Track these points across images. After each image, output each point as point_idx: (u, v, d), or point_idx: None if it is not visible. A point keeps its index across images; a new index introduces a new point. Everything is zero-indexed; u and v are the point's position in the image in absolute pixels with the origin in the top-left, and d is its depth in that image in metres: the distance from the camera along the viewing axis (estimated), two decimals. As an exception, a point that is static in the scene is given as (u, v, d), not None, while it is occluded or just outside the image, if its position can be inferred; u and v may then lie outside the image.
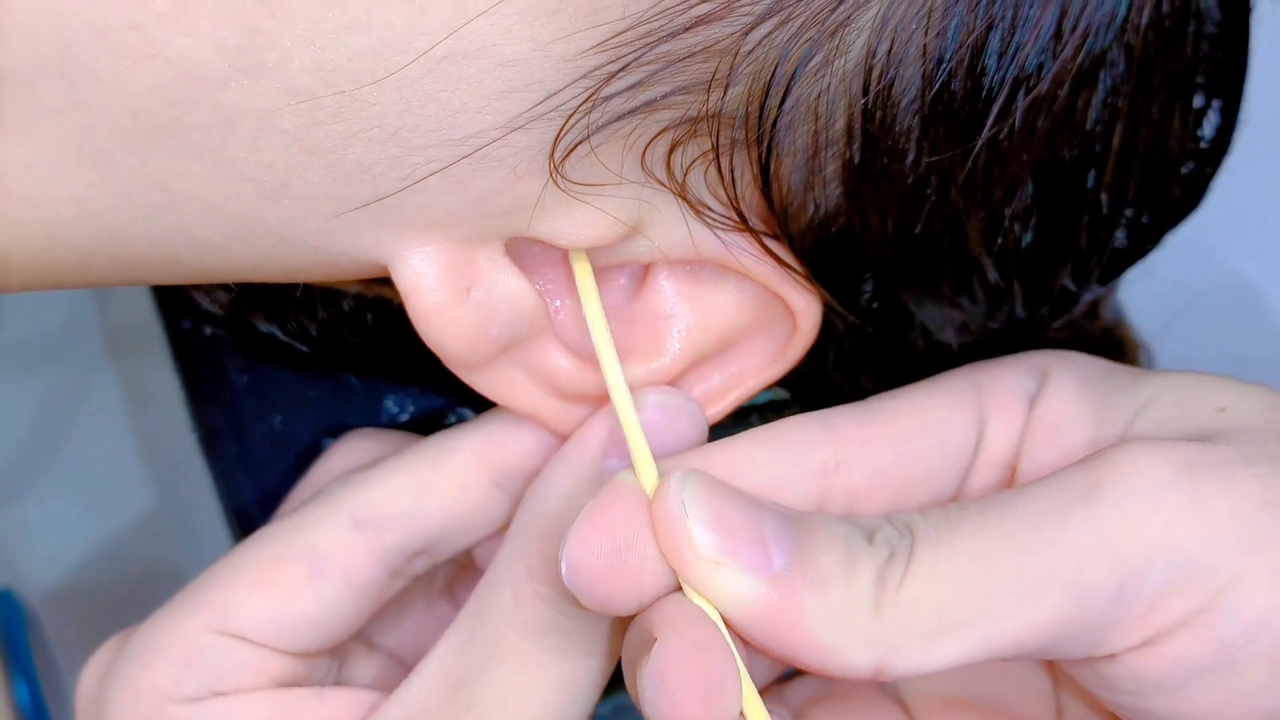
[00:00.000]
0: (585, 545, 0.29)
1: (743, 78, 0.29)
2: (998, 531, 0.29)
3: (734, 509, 0.29)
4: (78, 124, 0.27)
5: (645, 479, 0.31)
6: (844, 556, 0.29)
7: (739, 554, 0.28)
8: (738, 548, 0.28)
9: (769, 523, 0.29)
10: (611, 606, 0.29)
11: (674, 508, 0.29)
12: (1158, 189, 0.35)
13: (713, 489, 0.29)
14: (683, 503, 0.29)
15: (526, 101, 0.28)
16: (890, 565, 0.29)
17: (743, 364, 0.34)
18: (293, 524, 0.34)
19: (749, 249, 0.32)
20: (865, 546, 0.29)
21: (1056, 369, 0.34)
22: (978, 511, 0.29)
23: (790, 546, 0.29)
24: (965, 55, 0.30)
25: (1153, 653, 0.28)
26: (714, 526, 0.29)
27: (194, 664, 0.33)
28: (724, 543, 0.28)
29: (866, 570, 0.29)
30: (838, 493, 0.32)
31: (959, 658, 0.28)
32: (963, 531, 0.29)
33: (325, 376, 0.40)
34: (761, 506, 0.29)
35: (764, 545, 0.29)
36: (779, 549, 0.29)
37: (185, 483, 0.51)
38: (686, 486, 0.29)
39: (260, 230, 0.29)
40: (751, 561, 0.28)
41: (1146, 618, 0.28)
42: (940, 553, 0.29)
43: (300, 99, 0.27)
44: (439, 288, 0.30)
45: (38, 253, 0.29)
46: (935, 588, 0.28)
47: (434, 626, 0.36)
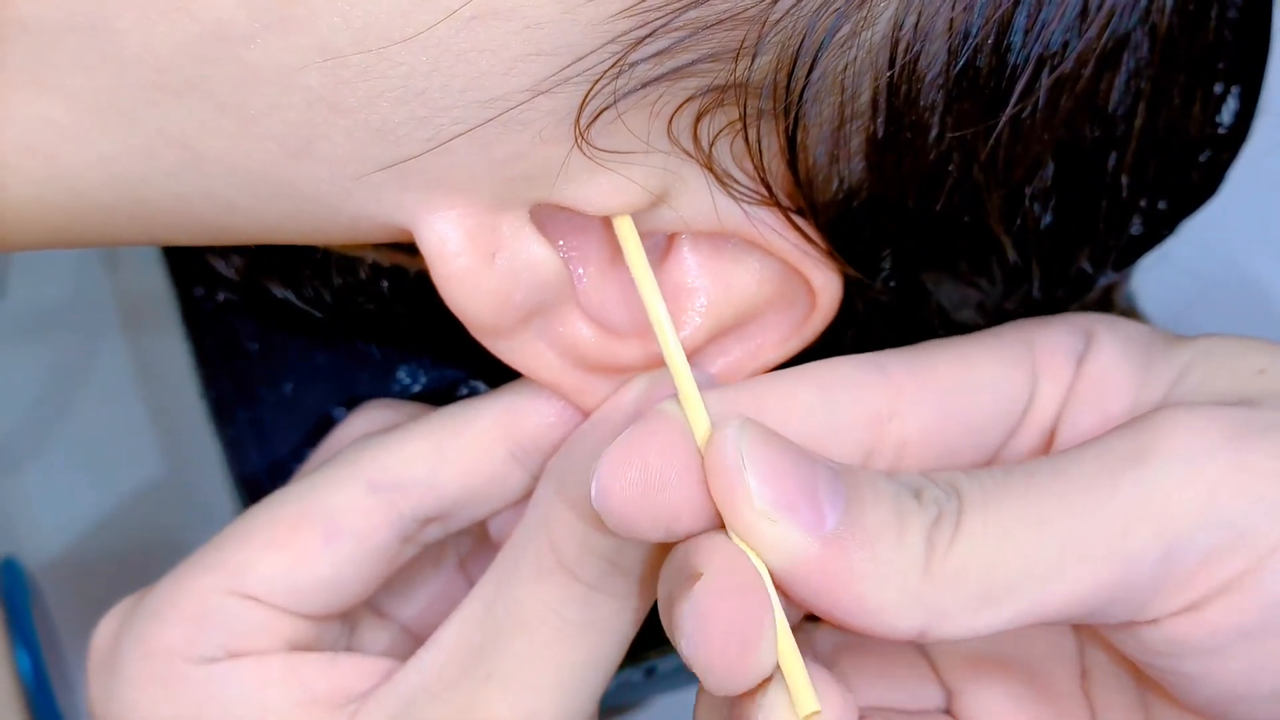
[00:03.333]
0: (618, 472, 0.28)
1: (770, 47, 0.29)
2: (1047, 496, 0.29)
3: (790, 464, 0.28)
4: (104, 80, 0.27)
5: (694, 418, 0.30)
6: (894, 515, 0.28)
7: (794, 510, 0.28)
8: (793, 504, 0.28)
9: (822, 479, 0.29)
10: (637, 532, 0.29)
11: (731, 457, 0.28)
12: (1176, 173, 0.35)
13: (769, 441, 0.29)
14: (740, 452, 0.28)
15: (554, 65, 0.28)
16: (938, 527, 0.28)
17: (761, 339, 0.34)
18: (308, 486, 0.34)
19: (772, 223, 0.32)
20: (915, 505, 0.29)
21: (1101, 330, 0.33)
22: (1025, 475, 0.29)
23: (843, 504, 0.28)
24: (991, 31, 0.30)
25: (1194, 618, 0.28)
26: (769, 480, 0.28)
27: (208, 624, 0.33)
28: (780, 498, 0.28)
29: (917, 530, 0.28)
30: (888, 445, 0.32)
31: (1005, 623, 0.28)
32: (1011, 494, 0.29)
33: (337, 346, 0.40)
34: (815, 462, 0.29)
35: (818, 502, 0.28)
36: (832, 507, 0.28)
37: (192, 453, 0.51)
38: (744, 436, 0.28)
39: (283, 190, 0.29)
40: (806, 519, 0.28)
41: (1191, 583, 0.28)
42: (989, 516, 0.28)
43: (327, 57, 0.27)
44: (463, 253, 0.30)
45: (61, 209, 0.29)
46: (984, 551, 0.28)
47: (447, 601, 0.36)
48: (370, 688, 0.33)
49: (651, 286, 0.31)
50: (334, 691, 0.33)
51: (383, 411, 0.38)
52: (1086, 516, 0.28)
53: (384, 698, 0.33)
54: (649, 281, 0.31)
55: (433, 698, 0.32)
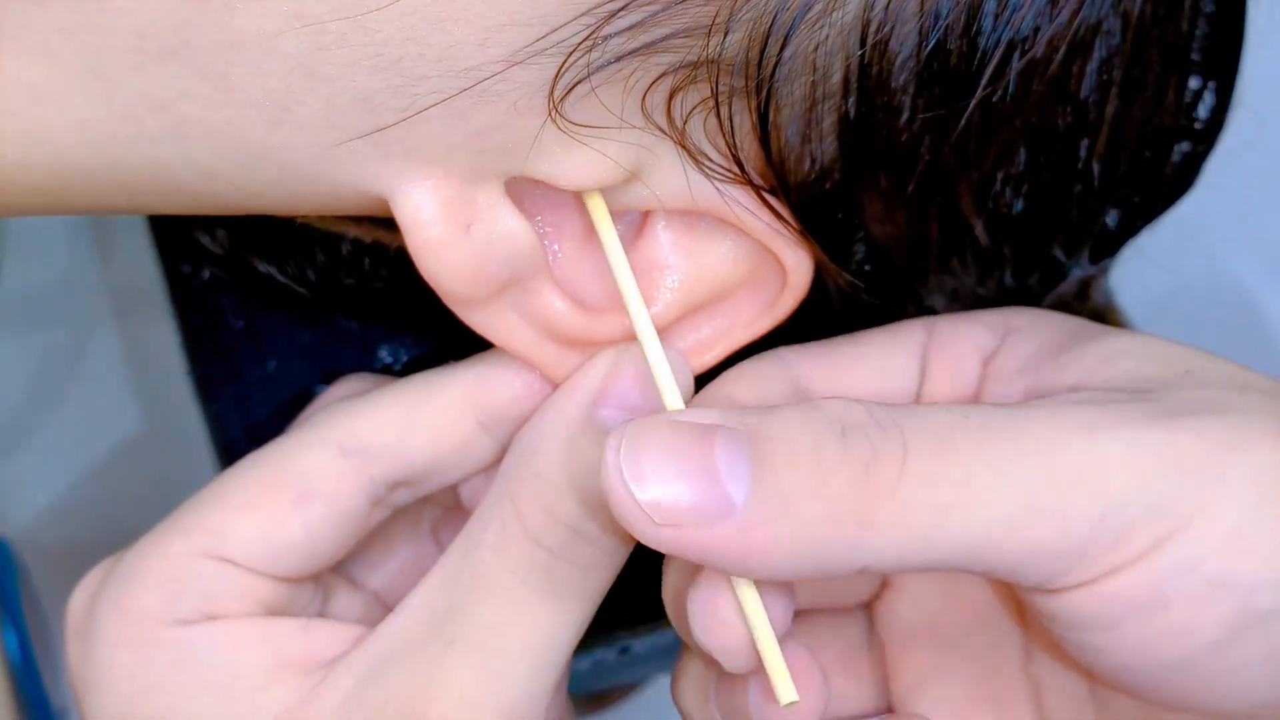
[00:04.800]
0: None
1: (742, 24, 0.29)
2: (1001, 447, 0.29)
3: (677, 455, 0.28)
4: (87, 44, 0.28)
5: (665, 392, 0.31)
6: (813, 465, 0.28)
7: (694, 507, 0.28)
8: (690, 501, 0.28)
9: (719, 448, 0.28)
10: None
11: (613, 480, 0.28)
12: (1150, 165, 0.35)
13: (650, 440, 0.28)
14: (621, 471, 0.28)
15: (528, 35, 0.28)
16: (879, 466, 0.28)
17: (732, 317, 0.34)
18: (280, 450, 0.35)
19: (745, 202, 0.32)
20: (839, 448, 0.28)
21: (1020, 325, 0.34)
22: (980, 422, 0.29)
23: (746, 470, 0.28)
24: (962, 13, 0.30)
25: (1091, 590, 0.28)
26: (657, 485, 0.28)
27: (182, 587, 0.33)
28: (675, 501, 0.28)
29: (842, 474, 0.28)
30: None
31: (942, 559, 0.28)
32: (966, 440, 0.29)
33: (321, 324, 0.40)
34: (710, 431, 0.28)
35: (719, 483, 0.28)
36: (736, 480, 0.28)
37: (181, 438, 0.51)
38: (623, 450, 0.28)
39: (262, 157, 0.29)
40: (710, 508, 0.28)
41: (1109, 552, 0.28)
42: (940, 456, 0.28)
43: (306, 23, 0.27)
44: (438, 223, 0.31)
45: (43, 174, 0.29)
46: (934, 492, 0.28)
47: (418, 568, 0.36)
48: (341, 653, 0.34)
49: (622, 263, 0.32)
50: (306, 656, 0.34)
51: (359, 383, 0.39)
52: (1037, 475, 0.28)
53: (353, 662, 0.33)
54: (620, 258, 0.32)
55: (399, 662, 0.33)
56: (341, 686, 0.33)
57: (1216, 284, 0.54)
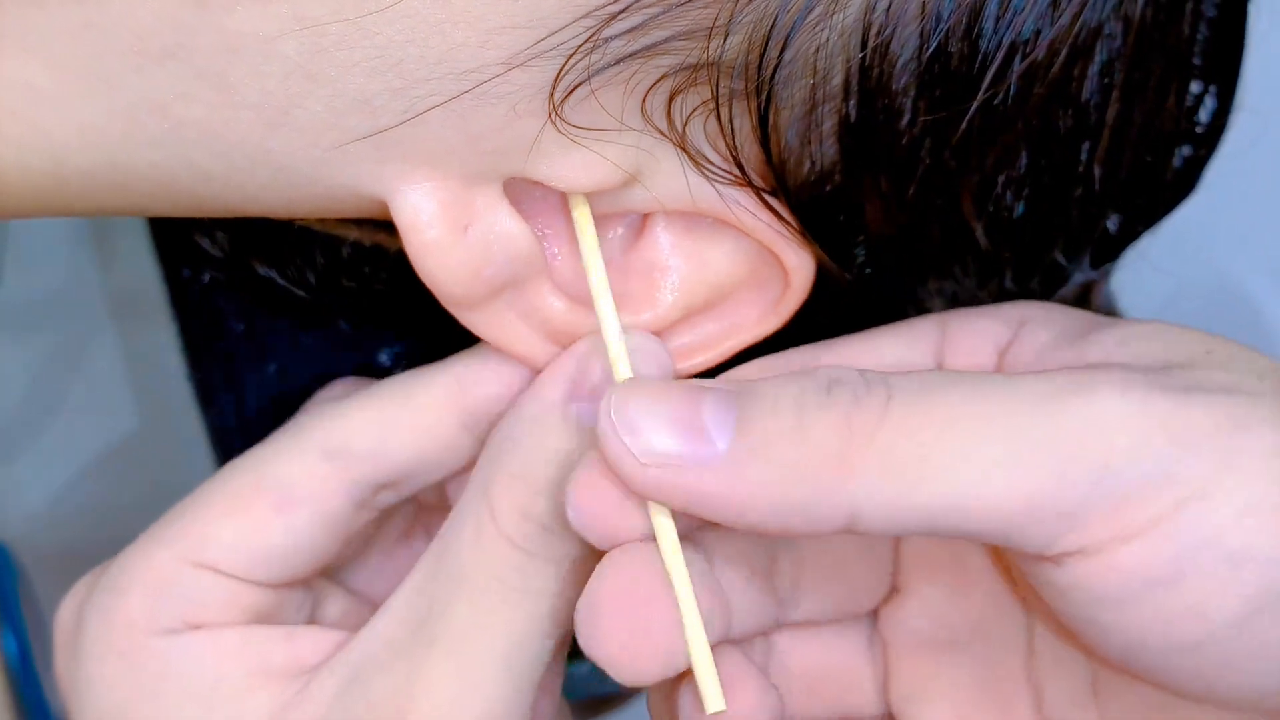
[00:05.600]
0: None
1: (742, 26, 0.29)
2: (991, 401, 0.28)
3: (664, 405, 0.29)
4: (86, 45, 0.28)
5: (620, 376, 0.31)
6: (794, 415, 0.28)
7: (679, 447, 0.28)
8: (676, 442, 0.28)
9: (707, 405, 0.29)
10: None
11: (604, 425, 0.29)
12: (1151, 169, 0.35)
13: (640, 392, 0.29)
14: (610, 417, 0.29)
15: (528, 38, 0.28)
16: (859, 412, 0.28)
17: (735, 318, 0.34)
18: (262, 455, 0.35)
19: (746, 204, 0.32)
20: (820, 399, 0.28)
21: (1035, 316, 0.34)
22: (972, 381, 0.29)
23: (732, 423, 0.28)
24: (963, 16, 0.30)
25: (1104, 561, 0.28)
26: (644, 429, 0.29)
27: (168, 595, 0.33)
28: (659, 442, 0.28)
29: (821, 422, 0.28)
30: None
31: (932, 513, 0.28)
32: (952, 391, 0.28)
33: (321, 328, 0.40)
34: (699, 390, 0.29)
35: (703, 431, 0.28)
36: (720, 429, 0.28)
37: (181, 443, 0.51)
38: (613, 400, 0.29)
39: (261, 159, 0.29)
40: (694, 452, 0.28)
41: (1112, 518, 0.28)
42: (926, 402, 0.28)
43: (305, 25, 0.27)
44: (436, 224, 0.31)
45: (42, 176, 0.29)
46: (917, 435, 0.28)
47: (407, 568, 0.36)
48: (326, 658, 0.34)
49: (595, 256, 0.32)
50: (289, 663, 0.33)
51: (345, 387, 0.38)
52: (1031, 427, 0.28)
53: (335, 666, 0.33)
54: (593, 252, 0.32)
55: (380, 665, 0.33)
56: (324, 691, 0.33)
57: (1217, 288, 0.54)
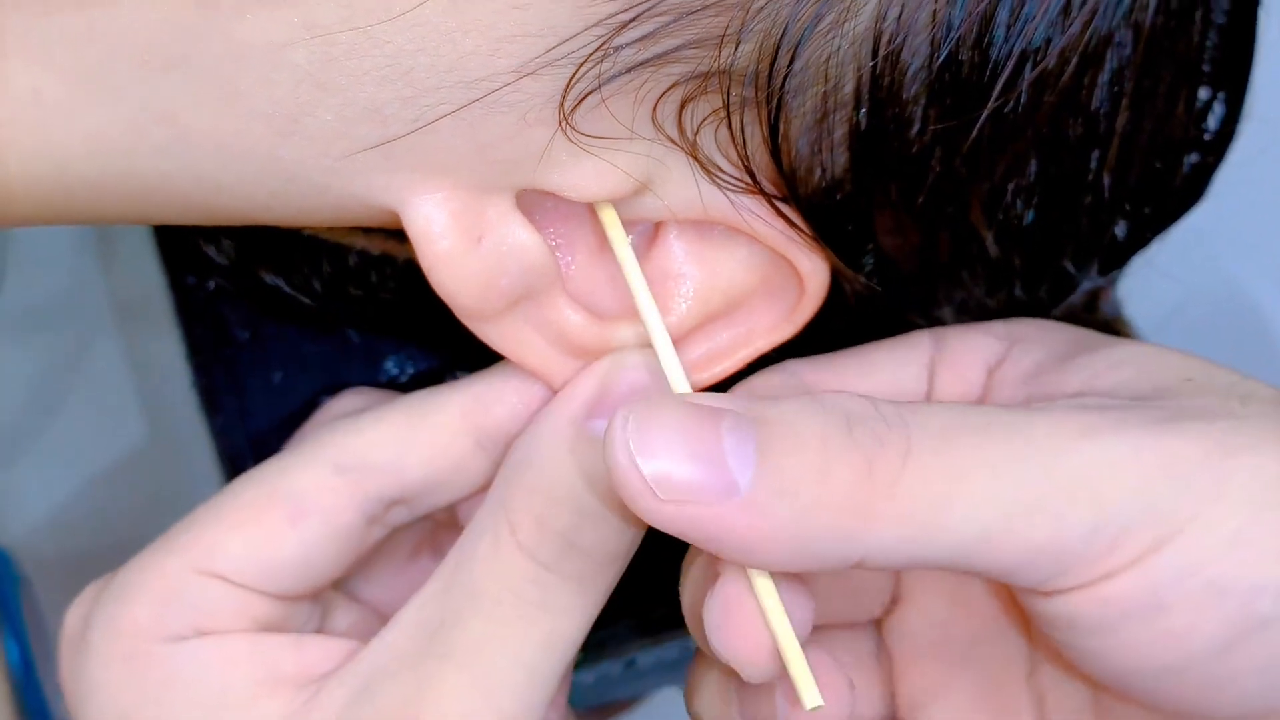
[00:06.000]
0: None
1: (753, 34, 0.29)
2: (1002, 446, 0.29)
3: (684, 435, 0.28)
4: (93, 54, 0.28)
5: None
6: (819, 457, 0.28)
7: (699, 486, 0.28)
8: (696, 480, 0.28)
9: (727, 436, 0.28)
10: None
11: (621, 454, 0.28)
12: (1160, 176, 0.35)
13: (658, 419, 0.28)
14: (629, 447, 0.28)
15: (539, 46, 0.28)
16: (883, 457, 0.28)
17: (750, 324, 0.34)
18: (276, 467, 0.34)
19: (758, 211, 0.32)
20: (845, 440, 0.28)
21: (1027, 335, 0.34)
22: (983, 422, 0.29)
23: (752, 455, 0.28)
24: (974, 25, 0.30)
25: (1088, 593, 0.28)
26: (665, 461, 0.28)
27: (176, 603, 0.33)
28: (680, 479, 0.28)
29: (845, 466, 0.28)
30: None
31: (938, 557, 0.28)
32: (969, 435, 0.29)
33: (327, 336, 0.40)
34: (717, 417, 0.28)
35: (724, 466, 0.28)
36: (741, 463, 0.28)
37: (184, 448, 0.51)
38: (630, 426, 0.28)
39: (270, 169, 0.29)
40: (715, 488, 0.28)
41: (1103, 557, 0.28)
42: (943, 453, 0.28)
43: (314, 34, 0.27)
44: (449, 235, 0.30)
45: (49, 184, 0.29)
46: (934, 489, 0.28)
47: (417, 581, 0.36)
48: (335, 668, 0.33)
49: (636, 274, 0.32)
50: (298, 672, 0.33)
51: (357, 398, 0.38)
52: (1037, 476, 0.28)
53: (345, 677, 0.33)
54: (634, 268, 0.32)
55: (391, 676, 0.32)
56: (334, 701, 0.33)
57: (1224, 295, 0.54)
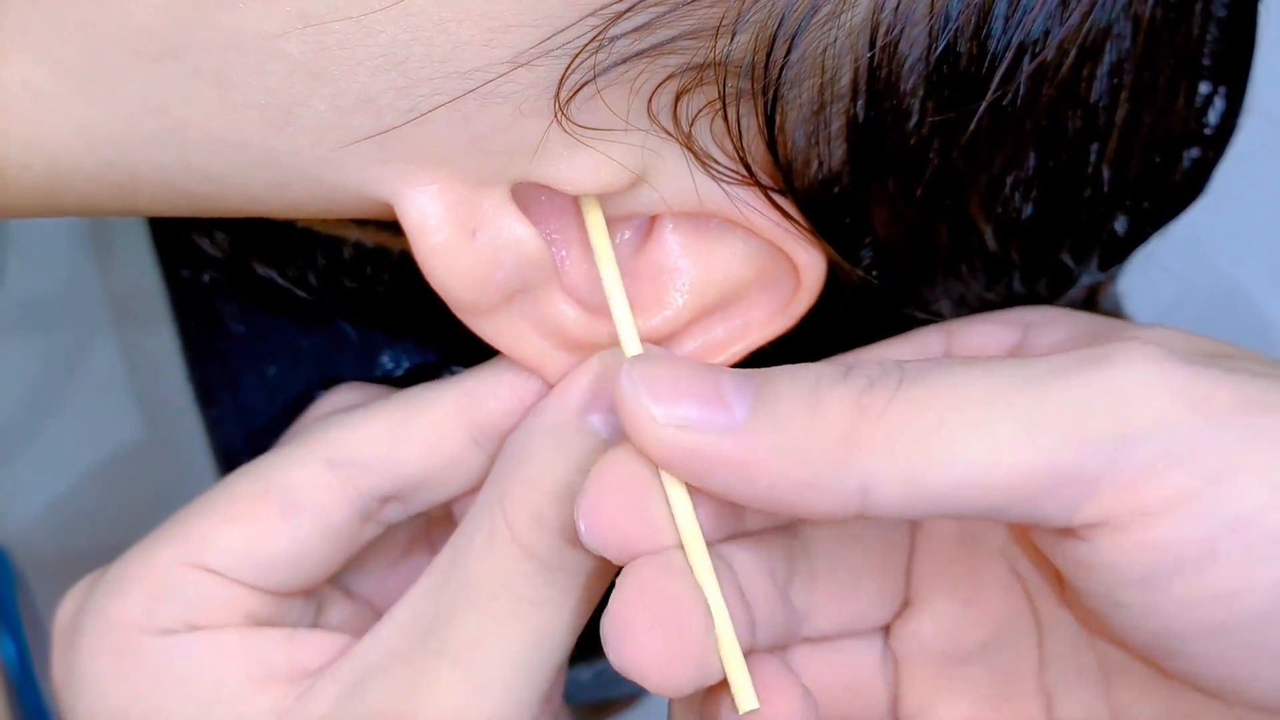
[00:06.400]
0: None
1: (749, 25, 0.29)
2: (1003, 376, 0.28)
3: (687, 375, 0.29)
4: (84, 45, 0.27)
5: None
6: (810, 392, 0.28)
7: (699, 414, 0.28)
8: (696, 408, 0.28)
9: (726, 382, 0.29)
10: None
11: (628, 388, 0.29)
12: (1160, 170, 0.35)
13: (663, 362, 0.29)
14: (635, 381, 0.29)
15: (534, 37, 0.28)
16: (871, 392, 0.28)
17: (747, 317, 0.34)
18: (269, 462, 0.34)
19: (754, 203, 0.32)
20: (836, 381, 0.29)
21: (1039, 319, 0.34)
22: (985, 363, 0.29)
23: (750, 397, 0.29)
24: (972, 16, 0.30)
25: (1131, 537, 0.27)
26: (667, 394, 0.28)
27: (167, 596, 0.33)
28: (681, 407, 0.28)
29: (835, 400, 0.28)
30: None
31: (945, 494, 0.28)
32: (965, 370, 0.29)
33: (322, 329, 0.40)
34: (718, 369, 0.29)
35: (724, 401, 0.28)
36: (739, 402, 0.28)
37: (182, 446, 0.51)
38: (637, 366, 0.29)
39: (264, 160, 0.29)
40: (712, 418, 0.28)
41: (1136, 485, 0.27)
42: (936, 385, 0.28)
43: (307, 23, 0.27)
44: (443, 228, 0.30)
45: (40, 176, 0.29)
46: (928, 412, 0.28)
47: (411, 577, 0.36)
48: (328, 663, 0.33)
49: (611, 265, 0.32)
50: (291, 667, 0.33)
51: (352, 393, 0.38)
52: (1044, 399, 0.28)
53: (338, 672, 0.33)
54: (609, 262, 0.32)
55: (384, 672, 0.32)
56: (327, 697, 0.33)
57: (1223, 291, 0.54)
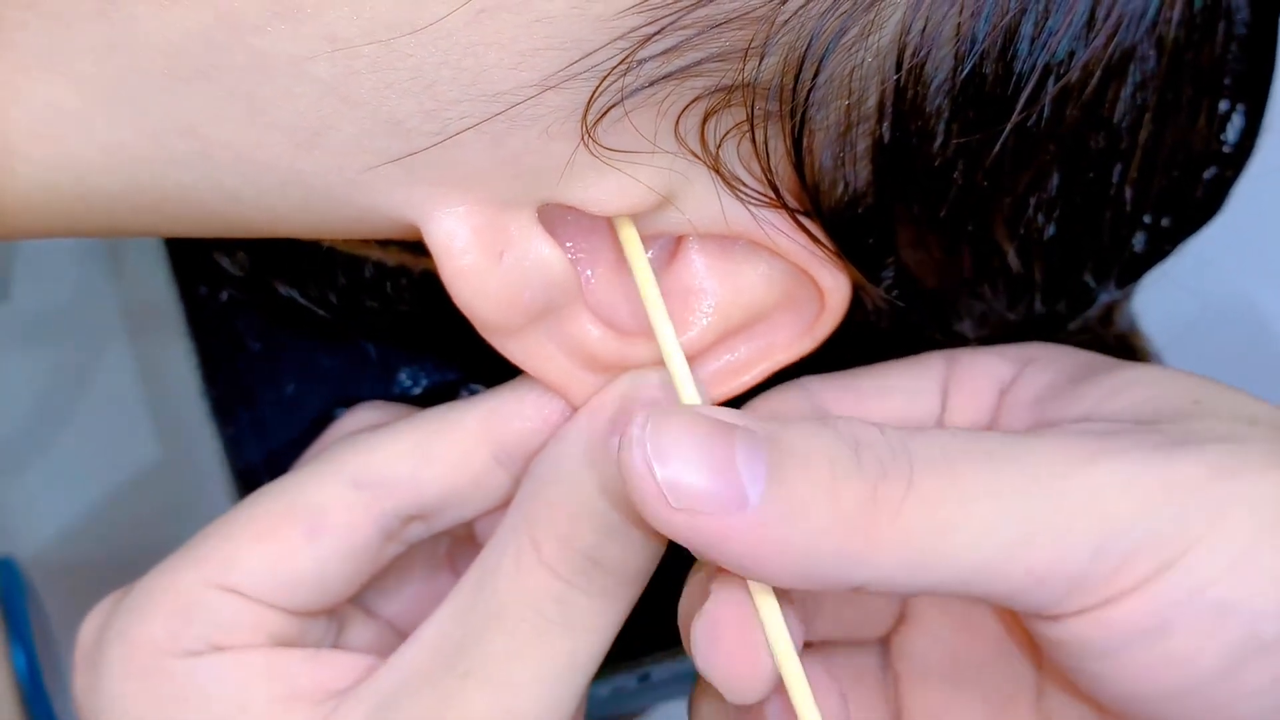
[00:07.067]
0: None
1: (778, 48, 0.29)
2: (1003, 473, 0.29)
3: (700, 446, 0.28)
4: (114, 66, 0.27)
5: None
6: (828, 479, 0.28)
7: (711, 497, 0.28)
8: (708, 490, 0.28)
9: (740, 451, 0.28)
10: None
11: (638, 459, 0.28)
12: (1180, 189, 0.35)
13: (675, 428, 0.28)
14: (646, 452, 0.28)
15: (562, 60, 0.28)
16: (887, 485, 0.28)
17: (770, 338, 0.34)
18: (294, 482, 0.34)
19: (780, 225, 0.32)
20: (852, 466, 0.28)
21: (1040, 357, 0.34)
22: (982, 447, 0.29)
23: (765, 474, 0.28)
24: (998, 38, 0.30)
25: (1095, 618, 0.28)
26: (680, 470, 0.28)
27: (191, 617, 0.33)
28: (693, 488, 0.28)
29: (851, 491, 0.28)
30: None
31: (941, 583, 0.28)
32: (970, 463, 0.29)
33: (340, 347, 0.40)
34: (731, 432, 0.29)
35: (736, 480, 0.28)
36: (753, 479, 0.28)
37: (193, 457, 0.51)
38: (648, 431, 0.28)
39: (291, 181, 0.29)
40: (725, 500, 0.28)
41: (1108, 582, 0.28)
42: (946, 481, 0.29)
43: (336, 47, 0.27)
44: (471, 250, 0.30)
45: (68, 196, 0.29)
46: (937, 513, 0.28)
47: (434, 597, 0.36)
48: (352, 684, 0.33)
49: (653, 289, 0.32)
50: (315, 688, 0.33)
51: (373, 412, 0.38)
52: (1039, 502, 0.28)
53: (364, 694, 0.33)
54: (650, 285, 0.32)
55: (411, 694, 0.32)
56: (353, 718, 0.32)
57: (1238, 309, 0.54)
